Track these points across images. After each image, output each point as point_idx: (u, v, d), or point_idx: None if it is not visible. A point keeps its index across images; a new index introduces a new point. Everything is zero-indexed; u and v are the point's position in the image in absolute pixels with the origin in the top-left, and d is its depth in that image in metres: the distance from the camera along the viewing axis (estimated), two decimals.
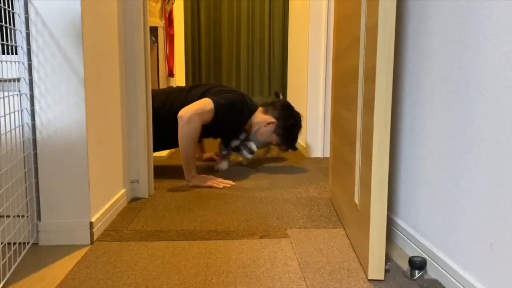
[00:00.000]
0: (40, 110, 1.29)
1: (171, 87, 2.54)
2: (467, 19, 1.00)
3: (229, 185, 2.07)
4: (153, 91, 1.98)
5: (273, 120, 2.35)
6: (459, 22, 1.03)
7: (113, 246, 1.32)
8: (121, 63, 1.71)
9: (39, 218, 1.33)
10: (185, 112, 2.03)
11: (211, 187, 2.05)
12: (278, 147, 2.52)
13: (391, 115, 1.06)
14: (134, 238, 1.39)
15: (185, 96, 2.23)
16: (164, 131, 2.15)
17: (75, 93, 1.29)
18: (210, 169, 2.44)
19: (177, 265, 1.19)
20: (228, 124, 2.24)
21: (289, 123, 2.37)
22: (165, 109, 2.18)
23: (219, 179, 2.11)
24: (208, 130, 2.19)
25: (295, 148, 2.50)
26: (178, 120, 2.03)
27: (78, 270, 1.16)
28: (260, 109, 2.40)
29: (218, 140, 2.52)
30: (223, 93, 2.20)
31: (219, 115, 2.11)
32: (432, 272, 1.14)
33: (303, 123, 2.47)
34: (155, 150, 2.08)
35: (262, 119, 2.36)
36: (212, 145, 3.14)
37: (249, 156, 2.37)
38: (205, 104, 2.09)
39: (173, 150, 3.16)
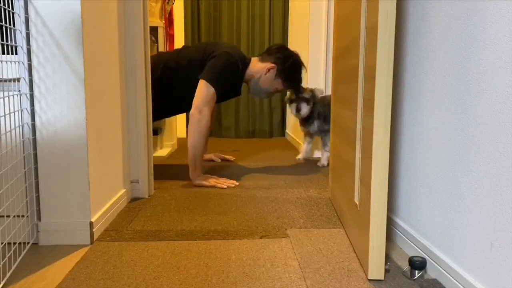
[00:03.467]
0: (40, 110, 1.29)
1: (160, 52, 2.57)
2: (467, 19, 1.00)
3: (233, 185, 2.07)
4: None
5: (271, 65, 2.30)
6: (459, 22, 1.03)
7: (113, 246, 1.32)
8: (121, 63, 1.71)
9: (39, 218, 1.33)
10: (195, 109, 2.06)
11: (214, 186, 2.05)
12: (286, 90, 2.51)
13: (391, 115, 1.06)
14: (134, 238, 1.39)
15: (177, 55, 2.26)
16: (160, 96, 2.14)
17: (75, 93, 1.29)
18: (211, 170, 2.44)
19: (177, 265, 1.19)
20: (228, 89, 2.26)
21: (289, 63, 2.32)
22: (157, 71, 2.18)
23: (223, 179, 2.11)
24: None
25: (300, 88, 2.49)
26: (190, 118, 2.06)
27: (78, 270, 1.15)
28: (255, 58, 2.37)
29: (218, 141, 2.52)
30: (213, 66, 2.16)
31: (220, 91, 2.13)
32: (432, 272, 1.14)
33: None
34: (154, 119, 2.08)
35: (260, 68, 2.31)
36: (213, 146, 3.14)
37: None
38: (206, 90, 2.09)
39: (173, 150, 3.17)
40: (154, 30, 2.79)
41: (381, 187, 1.06)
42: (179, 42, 3.75)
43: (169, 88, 2.23)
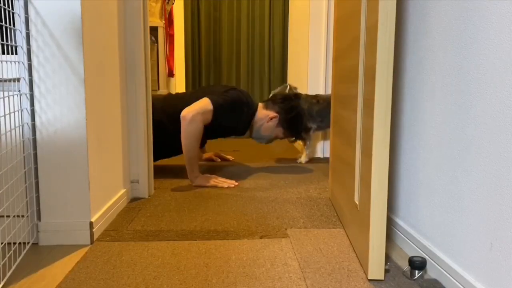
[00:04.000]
0: (40, 110, 1.29)
1: (169, 93, 2.57)
2: (467, 19, 1.00)
3: (233, 185, 2.08)
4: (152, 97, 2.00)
5: (274, 114, 2.35)
6: (459, 22, 1.03)
7: (113, 246, 1.32)
8: (121, 63, 1.71)
9: (39, 218, 1.33)
10: (188, 112, 2.03)
11: (215, 186, 2.05)
12: (286, 139, 2.56)
13: (391, 115, 1.06)
14: (134, 238, 1.39)
15: (182, 98, 2.25)
16: (163, 138, 2.14)
17: (75, 93, 1.29)
18: (210, 169, 2.44)
19: (177, 265, 1.19)
20: (230, 123, 2.24)
21: (291, 115, 2.37)
22: (163, 113, 2.19)
23: (223, 179, 2.11)
24: (211, 131, 2.18)
25: (302, 138, 2.59)
26: (181, 120, 2.04)
27: (78, 270, 1.16)
28: (260, 105, 2.40)
29: (218, 141, 2.53)
30: (222, 93, 2.20)
31: (218, 115, 2.11)
32: (432, 272, 1.14)
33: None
34: (155, 159, 2.08)
35: (263, 115, 2.36)
36: (212, 146, 3.14)
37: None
38: (205, 104, 2.09)
39: None
40: (154, 30, 2.80)
41: (381, 187, 1.07)
42: (179, 42, 3.75)
43: (179, 132, 2.14)
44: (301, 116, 2.42)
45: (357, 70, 1.26)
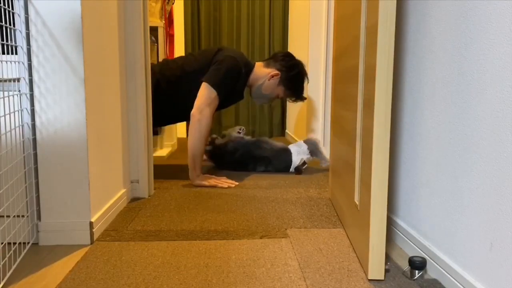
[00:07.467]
0: (40, 110, 1.29)
1: (166, 59, 2.57)
2: (467, 19, 1.00)
3: (233, 185, 2.08)
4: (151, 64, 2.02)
5: (276, 72, 2.30)
6: (459, 22, 1.03)
7: (113, 246, 1.32)
8: (121, 63, 1.71)
9: (39, 218, 1.33)
10: (196, 109, 2.06)
11: (215, 186, 2.05)
12: (286, 99, 2.49)
13: (391, 115, 1.06)
14: (134, 238, 1.39)
15: (182, 64, 2.26)
16: (159, 100, 2.14)
17: (75, 93, 1.29)
18: (210, 170, 2.44)
19: (177, 265, 1.19)
20: (231, 93, 2.24)
21: (293, 72, 2.32)
22: (160, 75, 2.20)
23: (223, 178, 2.11)
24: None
25: (303, 98, 2.48)
26: (191, 118, 2.06)
27: (78, 270, 1.16)
28: (260, 63, 2.36)
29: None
30: (217, 69, 2.16)
31: (222, 95, 2.13)
32: (432, 272, 1.14)
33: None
34: (154, 126, 2.08)
35: (264, 73, 2.31)
36: None
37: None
38: (208, 92, 2.09)
39: (173, 150, 3.17)
40: (154, 30, 2.79)
41: (381, 187, 1.06)
42: (179, 42, 3.75)
43: (175, 95, 2.22)
44: (303, 75, 2.36)
45: (357, 70, 1.26)
